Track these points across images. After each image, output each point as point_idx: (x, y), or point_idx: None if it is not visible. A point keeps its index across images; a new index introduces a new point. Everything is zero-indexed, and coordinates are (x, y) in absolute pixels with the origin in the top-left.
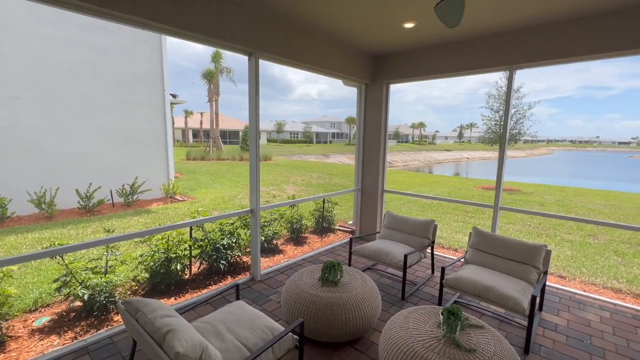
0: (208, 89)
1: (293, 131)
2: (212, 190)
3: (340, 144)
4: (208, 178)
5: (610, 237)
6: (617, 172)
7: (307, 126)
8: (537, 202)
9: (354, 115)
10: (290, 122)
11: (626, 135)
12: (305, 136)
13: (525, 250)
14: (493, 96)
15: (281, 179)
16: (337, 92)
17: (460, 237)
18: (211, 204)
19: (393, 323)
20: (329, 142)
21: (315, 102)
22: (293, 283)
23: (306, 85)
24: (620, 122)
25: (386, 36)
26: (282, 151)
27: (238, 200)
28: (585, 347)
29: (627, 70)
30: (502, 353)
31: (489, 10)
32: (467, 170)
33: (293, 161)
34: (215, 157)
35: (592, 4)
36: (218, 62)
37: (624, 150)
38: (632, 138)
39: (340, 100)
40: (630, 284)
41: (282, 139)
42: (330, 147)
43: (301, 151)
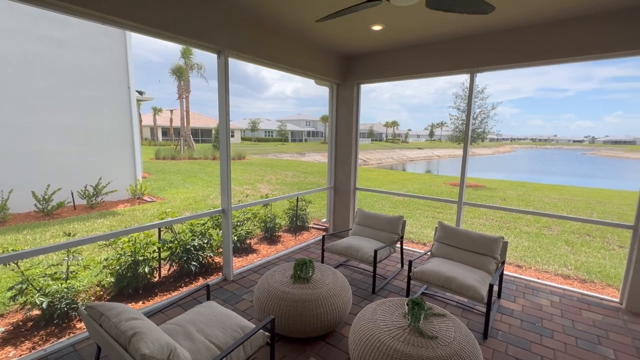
0: (178, 85)
1: (268, 129)
2: (183, 190)
3: (315, 142)
4: (179, 178)
5: (562, 228)
6: (572, 168)
7: (282, 124)
8: (500, 197)
9: (328, 114)
10: (265, 120)
11: (580, 134)
12: (280, 134)
13: (484, 243)
14: (460, 96)
15: (255, 178)
16: (312, 90)
17: (428, 232)
18: (182, 204)
19: (362, 316)
20: (304, 140)
21: (290, 100)
22: (265, 281)
23: (281, 83)
24: (574, 122)
25: (356, 37)
26: (257, 150)
27: (211, 200)
28: (537, 329)
29: (581, 74)
30: (461, 338)
31: (452, 16)
32: (438, 167)
33: (268, 160)
34: (187, 156)
35: (546, 14)
36: (188, 58)
37: (577, 148)
38: (585, 137)
39: (315, 98)
40: (578, 270)
41: (256, 138)
42: (306, 146)
43: (276, 150)
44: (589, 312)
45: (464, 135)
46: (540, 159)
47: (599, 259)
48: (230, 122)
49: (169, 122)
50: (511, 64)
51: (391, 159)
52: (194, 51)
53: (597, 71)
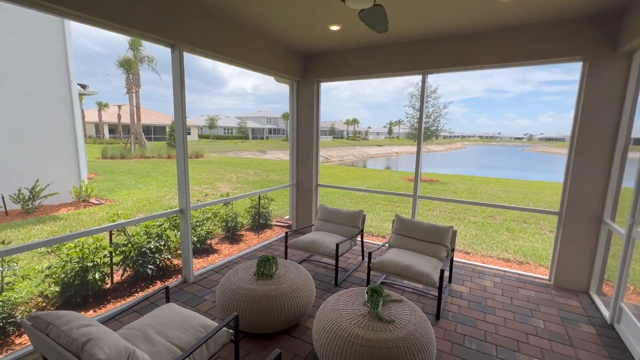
0: (126, 79)
1: (227, 126)
2: (136, 191)
3: (277, 139)
4: (130, 178)
5: (504, 217)
6: (513, 162)
7: (241, 121)
8: (451, 191)
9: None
10: (224, 117)
11: (519, 132)
12: (240, 132)
13: (436, 232)
14: (415, 96)
15: (215, 177)
16: (272, 87)
17: (387, 225)
18: (135, 206)
19: (325, 307)
20: (266, 138)
21: (250, 97)
22: (228, 280)
23: (240, 78)
24: (515, 120)
25: (315, 36)
26: (216, 147)
27: (167, 200)
28: (482, 308)
29: (519, 78)
30: (416, 320)
31: (405, 20)
32: (397, 163)
33: (227, 158)
34: (138, 155)
35: (490, 22)
36: (137, 50)
37: (518, 145)
38: (524, 134)
39: (276, 95)
40: (516, 254)
41: (214, 135)
42: (267, 143)
43: (236, 147)
44: (525, 289)
45: (418, 132)
46: (487, 154)
47: (533, 243)
48: (187, 119)
49: (117, 119)
50: (458, 66)
51: (352, 156)
52: (144, 43)
53: (533, 75)
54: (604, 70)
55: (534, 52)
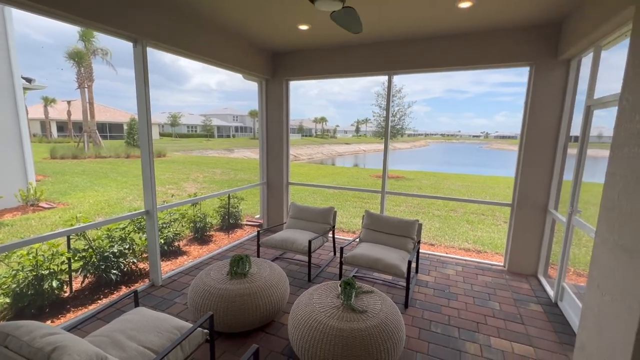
0: (77, 72)
1: (191, 124)
2: (92, 193)
3: (244, 138)
4: (85, 179)
5: (464, 210)
6: (472, 159)
7: (206, 119)
8: (416, 186)
9: (257, 109)
10: (187, 114)
11: (477, 130)
12: (205, 130)
13: (403, 226)
14: (381, 95)
15: (180, 177)
16: (239, 83)
17: (357, 220)
18: (92, 209)
19: (300, 302)
20: (232, 136)
21: (215, 93)
22: (200, 281)
23: (204, 74)
24: (473, 119)
25: (284, 35)
26: (179, 146)
27: (128, 202)
28: (446, 295)
29: (477, 79)
30: (387, 309)
31: (370, 23)
32: (365, 161)
33: (192, 157)
34: (93, 155)
35: (449, 28)
36: (89, 41)
37: (476, 142)
38: (481, 132)
39: (243, 92)
40: (475, 244)
41: (177, 133)
42: (234, 142)
43: (201, 146)
44: (483, 276)
45: (385, 131)
46: (448, 151)
47: (490, 233)
48: (144, 116)
49: (67, 115)
50: (421, 68)
51: (321, 154)
52: (97, 34)
53: (489, 77)
54: (547, 75)
55: (488, 56)
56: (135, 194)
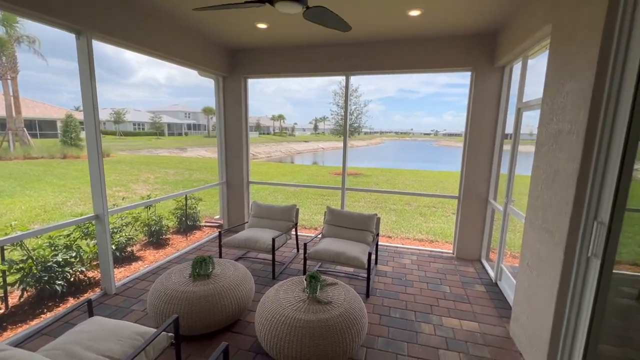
0: None
1: (137, 122)
2: (23, 199)
3: (198, 136)
4: (13, 183)
5: (418, 204)
6: (424, 155)
7: (155, 116)
8: (373, 182)
9: (212, 106)
10: (133, 110)
11: (428, 128)
12: (154, 127)
13: (363, 220)
14: (338, 94)
15: (128, 178)
16: (191, 79)
17: (319, 217)
18: (25, 216)
19: (266, 298)
20: (185, 134)
21: (164, 89)
22: (160, 285)
23: (150, 68)
24: (424, 118)
25: (242, 33)
26: (125, 145)
27: (68, 207)
28: (403, 282)
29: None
30: (350, 299)
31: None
32: (323, 159)
33: (141, 157)
34: (21, 155)
35: (402, 33)
36: (11, 27)
37: (427, 139)
38: (431, 130)
39: (195, 88)
40: (428, 234)
41: (122, 131)
42: (187, 140)
43: (150, 145)
44: (435, 263)
45: (343, 130)
46: (402, 148)
47: (441, 224)
48: (91, 113)
49: None
50: (377, 70)
51: (280, 152)
52: (20, 19)
53: (438, 78)
54: (485, 80)
55: (436, 61)
56: (77, 197)
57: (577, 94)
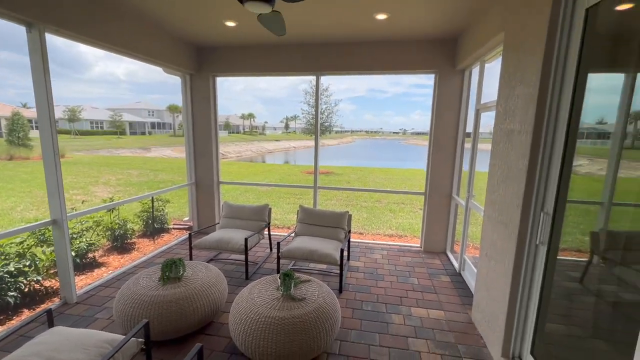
0: None
1: (95, 120)
2: None
3: (163, 135)
4: None
5: (388, 201)
6: (393, 153)
7: (115, 114)
8: (345, 181)
9: (178, 103)
10: (89, 107)
11: (397, 127)
12: (113, 126)
13: (335, 218)
14: (309, 93)
15: (87, 180)
16: (155, 75)
17: (291, 216)
18: None
19: (240, 298)
20: (149, 133)
21: (124, 85)
22: (128, 290)
23: (108, 63)
24: (393, 117)
25: (210, 30)
26: (81, 145)
27: (18, 213)
28: (374, 276)
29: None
30: (324, 294)
31: (298, 27)
32: (295, 158)
33: (100, 157)
34: None
35: (370, 35)
36: None
37: (396, 138)
38: (400, 129)
39: (159, 85)
40: (397, 230)
41: (78, 130)
42: (151, 139)
43: (110, 144)
44: (404, 257)
45: (315, 129)
46: (372, 147)
47: (409, 220)
48: (46, 111)
49: None
50: (346, 71)
51: (250, 151)
52: None
53: (405, 79)
54: (448, 82)
55: (403, 63)
56: (28, 202)
57: (526, 97)
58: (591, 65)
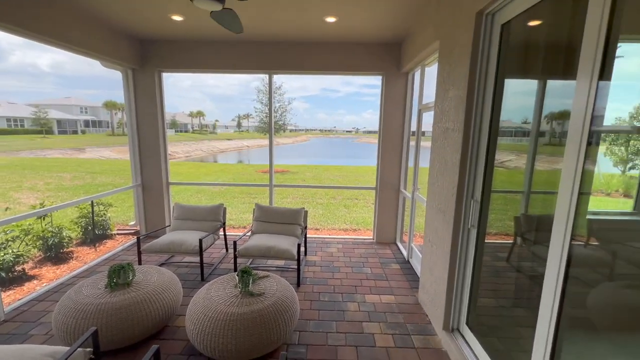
0: None
1: (13, 117)
2: None
3: (99, 134)
4: None
5: (342, 197)
6: (347, 151)
7: (39, 110)
8: (301, 179)
9: (117, 100)
10: (5, 103)
11: (349, 126)
12: (38, 124)
13: (291, 214)
14: (262, 91)
15: (7, 186)
16: (87, 68)
17: (247, 216)
18: None
19: (197, 299)
20: (82, 132)
21: (50, 78)
22: (69, 301)
23: (27, 51)
24: (345, 116)
25: (155, 23)
26: None
27: None
28: (330, 269)
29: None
30: (282, 288)
31: (250, 24)
32: (249, 157)
33: (22, 159)
34: None
35: (322, 37)
36: None
37: (349, 136)
38: (352, 128)
39: (92, 78)
40: (352, 224)
41: None
42: (85, 139)
43: (34, 145)
44: (358, 249)
45: (269, 127)
46: (326, 145)
47: (363, 214)
48: None
49: None
50: (299, 70)
51: (200, 150)
52: None
53: (356, 79)
54: (394, 84)
55: (353, 64)
56: None
57: (457, 99)
58: (507, 72)
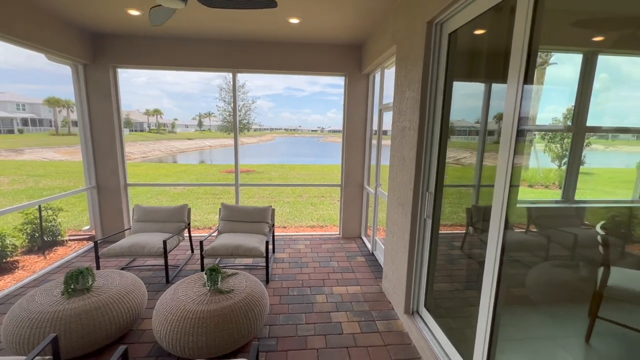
0: None
1: None
2: None
3: (41, 134)
4: None
5: (309, 195)
6: (312, 150)
7: None
8: (267, 178)
9: (60, 96)
10: None
11: (315, 125)
12: None
13: (258, 213)
14: (224, 89)
15: None
16: (24, 60)
17: (212, 216)
18: None
19: (163, 300)
20: (19, 131)
21: None
22: (21, 310)
23: None
24: (310, 115)
25: (109, 17)
26: None
27: None
28: (299, 265)
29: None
30: (251, 285)
31: (213, 21)
32: (211, 157)
33: None
34: None
35: (286, 37)
36: None
37: (315, 135)
38: (318, 127)
39: (31, 72)
40: (318, 221)
41: None
42: (23, 139)
43: None
44: (325, 244)
45: (233, 127)
46: (292, 144)
47: (329, 211)
48: None
49: None
50: (264, 69)
51: (158, 151)
52: None
53: (321, 79)
54: (356, 84)
55: (315, 65)
56: None
57: (413, 100)
58: (455, 76)
